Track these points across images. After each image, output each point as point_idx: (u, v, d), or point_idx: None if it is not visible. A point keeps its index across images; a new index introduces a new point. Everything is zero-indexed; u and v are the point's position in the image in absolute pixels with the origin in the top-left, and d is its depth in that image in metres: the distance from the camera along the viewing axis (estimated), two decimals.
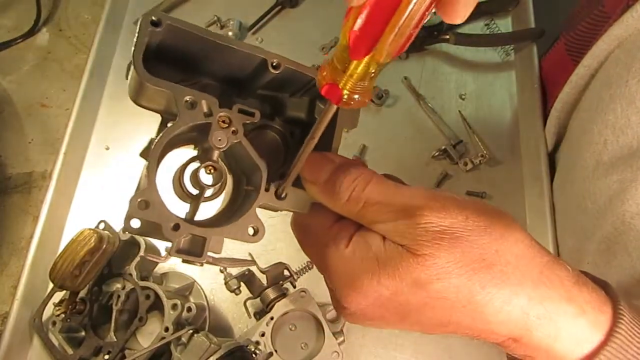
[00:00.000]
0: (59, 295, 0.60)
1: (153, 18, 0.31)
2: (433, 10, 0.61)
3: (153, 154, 0.32)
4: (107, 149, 0.73)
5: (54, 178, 0.68)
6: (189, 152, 0.35)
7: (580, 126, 0.64)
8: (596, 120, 0.57)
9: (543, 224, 0.69)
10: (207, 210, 0.35)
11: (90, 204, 0.70)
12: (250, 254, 0.62)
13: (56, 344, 0.58)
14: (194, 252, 0.31)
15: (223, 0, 0.83)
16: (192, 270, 0.66)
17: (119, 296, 0.57)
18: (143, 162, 0.37)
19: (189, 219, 0.33)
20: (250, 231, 0.32)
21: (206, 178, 0.33)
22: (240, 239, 0.31)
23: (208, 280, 0.65)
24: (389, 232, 0.31)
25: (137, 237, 0.59)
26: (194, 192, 0.34)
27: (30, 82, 0.79)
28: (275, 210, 0.35)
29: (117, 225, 0.60)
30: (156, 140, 0.32)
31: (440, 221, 0.30)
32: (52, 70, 0.80)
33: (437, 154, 0.73)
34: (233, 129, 0.32)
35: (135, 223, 0.30)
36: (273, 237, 0.68)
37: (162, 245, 0.63)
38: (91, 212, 0.69)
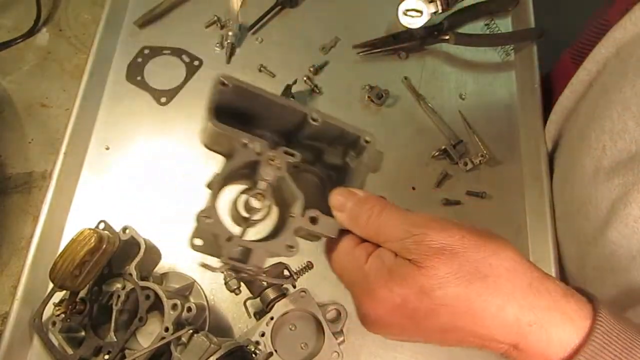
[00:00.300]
0: (59, 295, 0.60)
1: (222, 79, 0.41)
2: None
3: (216, 182, 0.41)
4: (107, 149, 0.73)
5: (54, 178, 0.68)
6: (242, 187, 0.43)
7: (579, 132, 0.65)
8: (594, 126, 0.58)
9: (543, 224, 0.69)
10: (256, 236, 0.43)
11: (90, 204, 0.70)
12: None
13: (56, 344, 0.58)
14: (241, 260, 0.39)
15: (223, 0, 0.83)
16: (192, 271, 0.66)
17: (119, 296, 0.57)
18: (148, 163, 0.50)
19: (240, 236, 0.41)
20: (288, 246, 0.39)
21: (255, 203, 0.41)
22: (278, 252, 0.39)
23: (208, 280, 0.65)
24: (399, 249, 0.37)
25: (136, 237, 0.59)
26: (245, 215, 0.41)
27: (30, 82, 0.79)
28: (311, 238, 0.43)
29: (117, 225, 0.60)
30: (219, 173, 0.41)
31: (440, 239, 0.35)
32: (52, 70, 0.80)
33: (437, 154, 0.73)
34: (278, 165, 0.41)
35: (198, 242, 0.40)
36: None
37: (161, 245, 0.63)
38: (91, 212, 0.69)
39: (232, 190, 0.43)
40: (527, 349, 0.35)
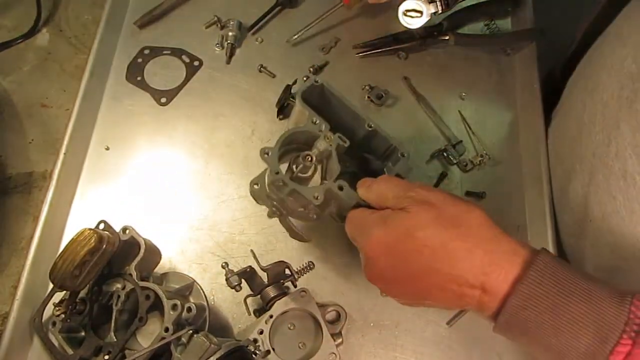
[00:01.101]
0: (59, 296, 0.60)
1: (316, 78, 0.58)
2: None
3: (282, 136, 0.54)
4: (107, 149, 0.73)
5: (54, 178, 0.68)
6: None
7: (568, 100, 0.70)
8: (580, 92, 0.65)
9: (543, 224, 0.69)
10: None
11: (90, 204, 0.70)
12: (252, 251, 0.63)
13: (56, 344, 0.58)
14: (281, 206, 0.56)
15: (223, 0, 0.83)
16: (192, 271, 0.66)
17: (119, 296, 0.57)
18: (148, 164, 0.68)
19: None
20: (314, 195, 0.51)
21: (304, 162, 0.54)
22: (307, 196, 0.51)
23: (208, 280, 0.65)
24: (394, 204, 0.47)
25: (136, 237, 0.59)
26: (294, 170, 0.54)
27: (30, 83, 0.79)
28: (336, 217, 0.57)
29: (117, 225, 0.60)
30: (288, 129, 0.55)
31: (424, 193, 0.46)
32: (52, 70, 0.80)
33: (436, 154, 0.73)
34: (331, 143, 0.55)
35: (256, 186, 0.56)
36: (273, 238, 0.68)
37: (161, 245, 0.63)
38: (91, 212, 0.69)
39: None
40: (491, 289, 0.41)
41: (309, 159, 0.54)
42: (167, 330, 0.53)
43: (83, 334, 0.59)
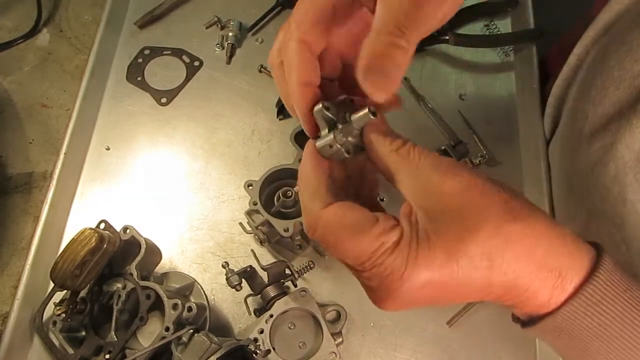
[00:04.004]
0: (59, 295, 0.60)
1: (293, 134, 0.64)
2: None
3: (268, 171, 0.61)
4: (108, 149, 0.73)
5: (55, 178, 0.68)
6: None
7: (568, 112, 0.66)
8: (581, 99, 0.60)
9: None
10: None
11: (90, 204, 0.70)
12: (252, 251, 0.63)
13: (57, 343, 0.58)
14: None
15: (223, 0, 0.83)
16: (192, 270, 0.66)
17: (119, 296, 0.57)
18: (148, 163, 0.71)
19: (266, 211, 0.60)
20: (285, 228, 0.57)
21: (285, 196, 0.60)
22: (278, 228, 0.58)
23: (209, 280, 0.65)
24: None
25: (137, 237, 0.59)
26: (276, 203, 0.61)
27: (30, 83, 0.79)
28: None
29: (118, 225, 0.60)
30: (275, 167, 0.62)
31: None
32: (52, 70, 0.81)
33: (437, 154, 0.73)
34: None
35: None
36: None
37: (162, 245, 0.63)
38: (92, 212, 0.69)
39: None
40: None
41: (289, 194, 0.59)
42: (167, 329, 0.53)
43: (84, 333, 0.59)
